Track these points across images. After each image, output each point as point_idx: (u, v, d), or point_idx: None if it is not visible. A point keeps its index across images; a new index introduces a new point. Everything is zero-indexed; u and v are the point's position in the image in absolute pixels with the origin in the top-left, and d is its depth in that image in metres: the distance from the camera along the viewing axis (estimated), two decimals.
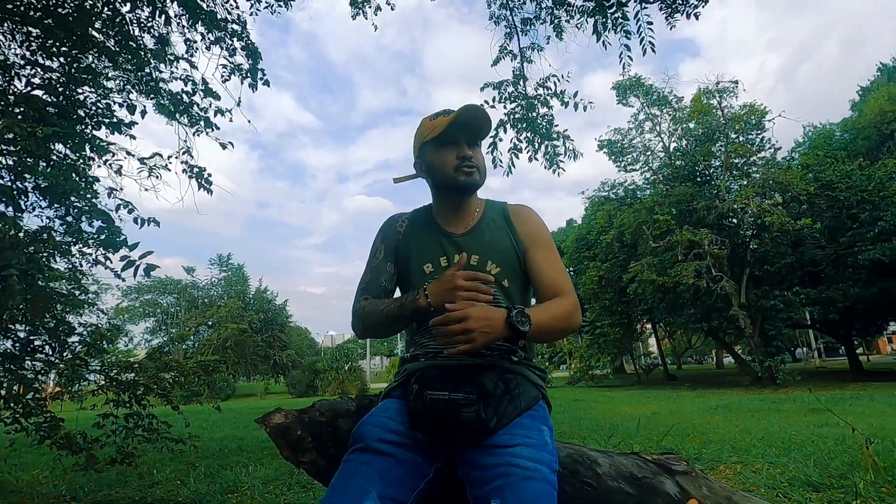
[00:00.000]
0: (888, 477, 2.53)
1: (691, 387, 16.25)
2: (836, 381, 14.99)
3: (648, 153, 18.03)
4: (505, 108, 5.00)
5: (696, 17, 4.19)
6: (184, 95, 3.49)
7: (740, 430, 5.21)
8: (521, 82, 5.13)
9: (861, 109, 18.30)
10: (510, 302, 1.13)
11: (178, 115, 3.49)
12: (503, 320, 0.94)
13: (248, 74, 3.67)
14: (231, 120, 3.62)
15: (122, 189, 2.97)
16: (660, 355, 26.81)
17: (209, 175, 3.24)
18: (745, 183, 15.89)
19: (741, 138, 16.11)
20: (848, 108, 20.54)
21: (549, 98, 5.15)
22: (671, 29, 4.38)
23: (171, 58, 3.60)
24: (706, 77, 38.53)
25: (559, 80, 5.12)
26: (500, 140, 5.07)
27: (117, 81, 3.53)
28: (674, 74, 38.85)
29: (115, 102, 3.20)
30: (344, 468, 0.93)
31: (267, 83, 3.75)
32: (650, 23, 4.37)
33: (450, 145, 1.15)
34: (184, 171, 3.31)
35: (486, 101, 4.98)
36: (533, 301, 1.21)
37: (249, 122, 3.72)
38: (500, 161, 5.05)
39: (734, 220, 16.21)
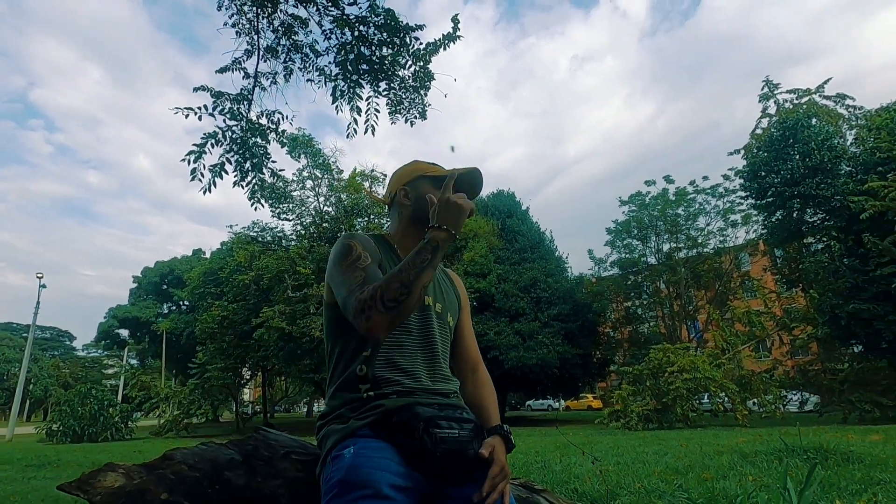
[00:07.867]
0: None
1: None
2: None
3: (303, 207, 19.13)
4: (225, 122, 4.54)
5: (412, 125, 5.16)
6: None
7: None
8: (246, 104, 4.83)
9: None
10: (444, 348, 1.19)
11: None
12: (504, 446, 1.06)
13: None
14: None
15: None
16: (263, 403, 26.79)
17: None
18: None
19: (377, 220, 19.43)
20: None
21: (268, 132, 5.02)
22: (392, 124, 5.19)
23: None
24: (365, 161, 45.61)
25: (283, 119, 5.10)
26: (209, 153, 4.49)
27: None
28: (340, 147, 44.00)
29: None
30: None
31: None
32: (378, 110, 5.09)
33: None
34: None
35: (204, 106, 4.42)
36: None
37: None
38: (202, 176, 4.43)
39: None
